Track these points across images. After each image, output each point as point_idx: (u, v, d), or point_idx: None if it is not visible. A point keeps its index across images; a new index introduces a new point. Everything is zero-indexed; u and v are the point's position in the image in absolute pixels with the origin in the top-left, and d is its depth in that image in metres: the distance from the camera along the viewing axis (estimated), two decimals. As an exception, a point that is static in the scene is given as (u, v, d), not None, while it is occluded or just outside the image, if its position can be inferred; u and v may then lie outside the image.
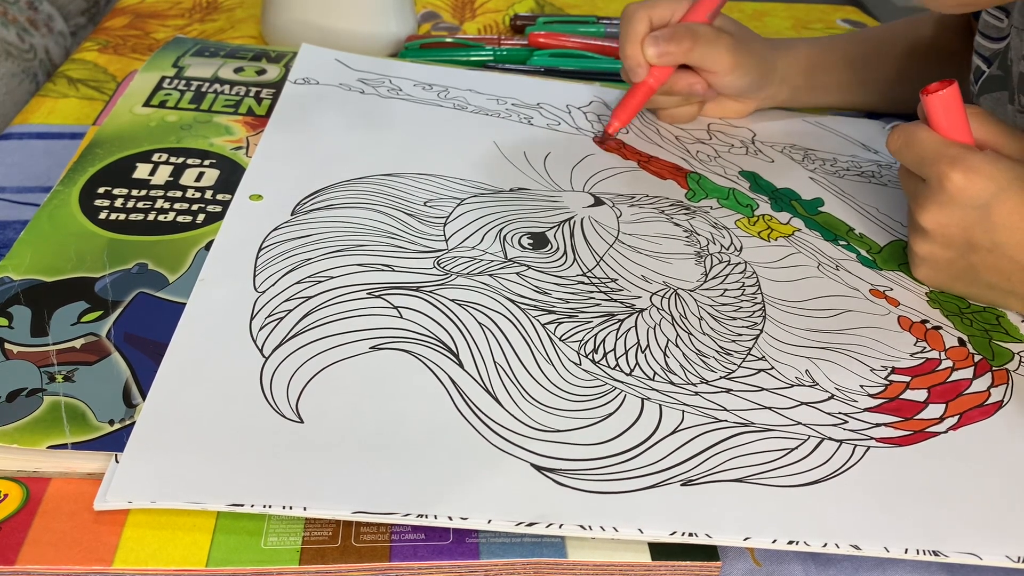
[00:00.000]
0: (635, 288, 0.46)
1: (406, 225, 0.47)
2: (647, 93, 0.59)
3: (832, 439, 0.39)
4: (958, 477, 0.38)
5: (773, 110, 0.68)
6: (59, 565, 0.32)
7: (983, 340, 0.46)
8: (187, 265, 0.44)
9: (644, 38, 0.57)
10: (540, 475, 0.35)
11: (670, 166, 0.58)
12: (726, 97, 0.62)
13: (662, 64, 0.57)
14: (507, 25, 0.79)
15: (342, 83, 0.61)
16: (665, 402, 0.39)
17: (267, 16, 0.69)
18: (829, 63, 0.65)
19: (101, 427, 0.35)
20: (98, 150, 0.51)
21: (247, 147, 0.53)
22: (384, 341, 0.40)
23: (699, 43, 0.57)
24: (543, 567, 0.34)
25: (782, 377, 0.42)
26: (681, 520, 0.34)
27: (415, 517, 0.33)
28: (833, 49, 0.65)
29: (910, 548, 0.35)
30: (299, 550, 0.33)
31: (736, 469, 0.37)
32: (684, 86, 0.59)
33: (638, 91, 0.59)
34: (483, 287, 0.44)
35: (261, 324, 0.40)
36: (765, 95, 0.63)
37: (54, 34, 0.91)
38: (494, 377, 0.39)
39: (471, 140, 0.57)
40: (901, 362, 0.44)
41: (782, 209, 0.55)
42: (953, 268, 0.47)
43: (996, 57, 0.54)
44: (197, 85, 0.58)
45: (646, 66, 0.57)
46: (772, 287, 0.48)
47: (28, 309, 0.40)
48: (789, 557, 0.37)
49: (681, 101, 0.62)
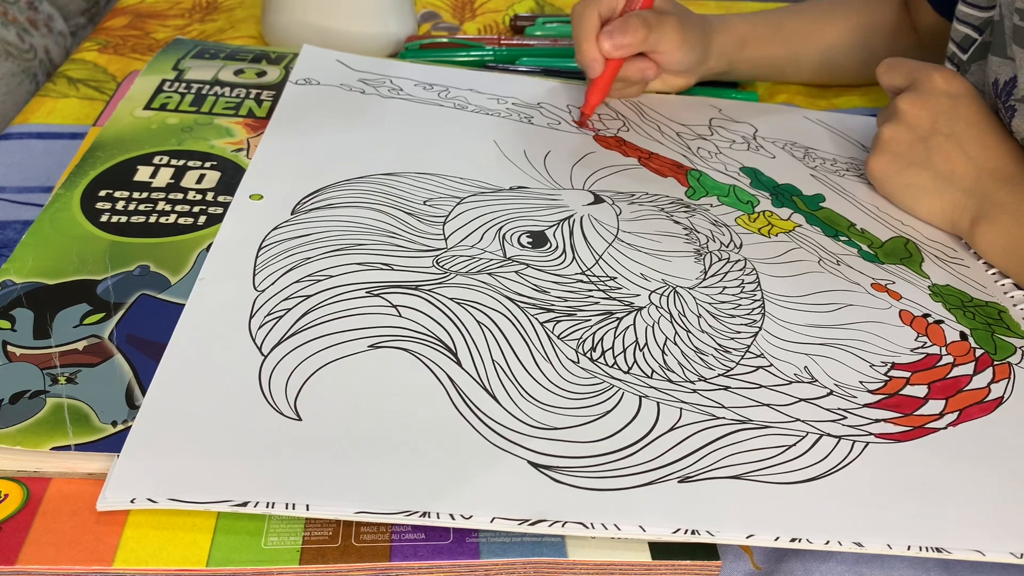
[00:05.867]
0: (634, 286, 0.46)
1: (405, 224, 0.48)
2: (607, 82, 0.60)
3: (831, 435, 0.39)
4: (958, 474, 0.38)
5: (775, 106, 0.68)
6: (59, 565, 0.32)
7: (985, 333, 0.46)
8: (189, 267, 0.44)
9: (597, 34, 0.59)
10: (538, 472, 0.35)
11: (670, 163, 0.58)
12: (669, 73, 0.64)
13: (619, 56, 0.59)
14: (507, 25, 0.79)
15: (343, 83, 0.61)
16: (663, 399, 0.39)
17: (267, 16, 0.69)
18: (761, 37, 0.67)
19: (104, 428, 0.36)
20: (99, 153, 0.51)
21: (248, 149, 0.53)
22: (383, 339, 0.40)
23: (652, 29, 0.59)
24: (543, 567, 0.34)
25: (781, 374, 0.42)
26: (679, 517, 0.34)
27: (418, 517, 0.33)
28: (766, 24, 0.68)
29: (912, 545, 0.35)
30: (299, 550, 0.33)
31: (734, 466, 0.37)
32: (636, 72, 0.62)
33: (598, 84, 0.60)
34: (482, 286, 0.44)
35: (260, 323, 0.40)
36: (705, 68, 0.65)
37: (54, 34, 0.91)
38: (492, 375, 0.39)
39: (471, 139, 0.57)
40: (901, 357, 0.44)
41: (783, 205, 0.55)
42: (911, 152, 0.54)
43: (987, 25, 0.55)
44: (197, 87, 0.58)
45: (602, 60, 0.59)
46: (772, 283, 0.47)
47: (31, 312, 0.41)
48: (789, 555, 0.37)
49: (628, 84, 0.64)
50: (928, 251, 0.52)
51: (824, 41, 0.68)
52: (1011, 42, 0.52)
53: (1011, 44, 0.52)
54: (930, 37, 0.68)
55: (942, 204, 0.54)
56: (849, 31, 0.68)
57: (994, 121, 0.53)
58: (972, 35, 0.57)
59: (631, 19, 0.59)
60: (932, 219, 0.54)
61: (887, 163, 0.55)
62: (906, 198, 0.55)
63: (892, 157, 0.55)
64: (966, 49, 0.58)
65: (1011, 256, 0.50)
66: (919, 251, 0.52)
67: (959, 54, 0.58)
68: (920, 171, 0.54)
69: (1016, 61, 0.51)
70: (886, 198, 0.56)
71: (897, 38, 0.69)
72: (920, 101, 0.53)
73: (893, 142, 0.54)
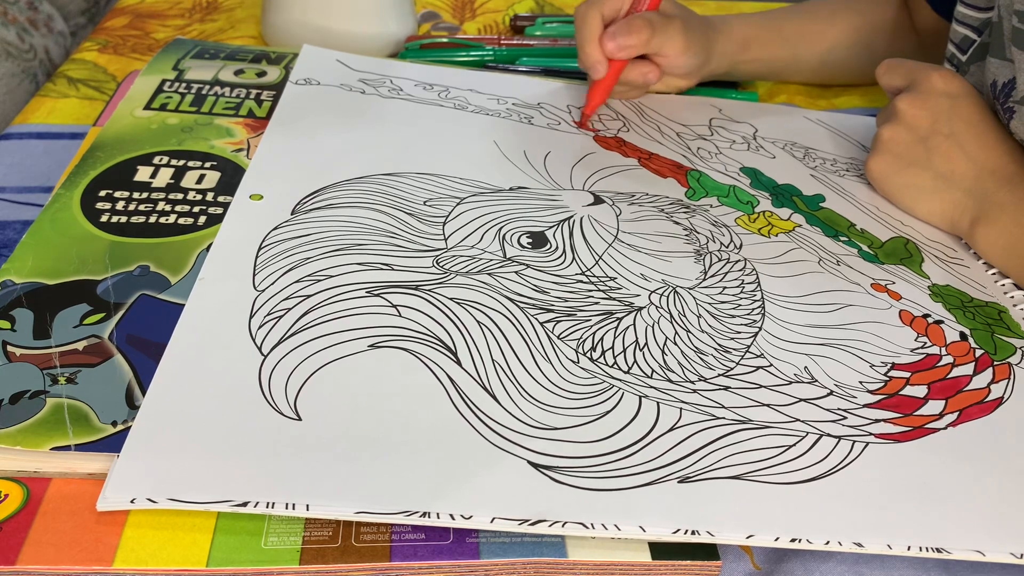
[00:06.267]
0: (634, 286, 0.46)
1: (405, 224, 0.48)
2: (610, 83, 0.60)
3: (830, 435, 0.39)
4: (958, 474, 0.38)
5: (775, 107, 0.68)
6: (59, 565, 0.32)
7: (985, 333, 0.46)
8: (189, 267, 0.44)
9: (600, 35, 0.58)
10: (537, 472, 0.35)
11: (670, 164, 0.58)
12: (671, 75, 0.64)
13: (622, 57, 0.59)
14: (507, 25, 0.79)
15: (343, 83, 0.61)
16: (663, 399, 0.39)
17: (267, 16, 0.69)
18: (763, 38, 0.67)
19: (104, 428, 0.36)
20: (99, 153, 0.51)
21: (248, 149, 0.53)
22: (382, 339, 0.40)
23: (656, 31, 0.59)
24: (543, 567, 0.34)
25: (781, 374, 0.42)
26: (679, 517, 0.34)
27: (418, 517, 0.33)
28: (767, 25, 0.68)
29: (912, 545, 0.35)
30: (299, 550, 0.33)
31: (734, 466, 0.37)
32: (638, 76, 0.62)
33: (600, 85, 0.60)
34: (482, 286, 0.44)
35: (260, 322, 0.40)
36: (707, 70, 0.65)
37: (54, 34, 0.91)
38: (492, 375, 0.39)
39: (471, 139, 0.57)
40: (901, 358, 0.44)
41: (783, 205, 0.55)
42: (911, 152, 0.54)
43: (986, 26, 0.55)
44: (197, 88, 0.58)
45: (605, 62, 0.59)
46: (772, 283, 0.47)
47: (30, 312, 0.41)
48: (789, 555, 0.37)
49: (629, 87, 0.64)
50: (928, 251, 0.52)
51: (825, 42, 0.69)
52: (1010, 44, 0.52)
53: (1010, 46, 0.52)
54: (930, 37, 0.68)
55: (942, 204, 0.54)
56: (850, 32, 0.68)
57: (993, 121, 0.53)
58: (971, 36, 0.57)
59: (635, 20, 0.59)
60: (932, 219, 0.54)
61: (887, 164, 0.55)
62: (906, 198, 0.55)
63: (892, 158, 0.55)
64: (965, 50, 0.58)
65: (1011, 256, 0.50)
66: (919, 251, 0.52)
67: (958, 55, 0.58)
68: (920, 171, 0.54)
69: (1015, 63, 0.51)
70: (886, 199, 0.56)
71: (897, 38, 0.69)
72: (919, 101, 0.53)
73: (893, 143, 0.54)
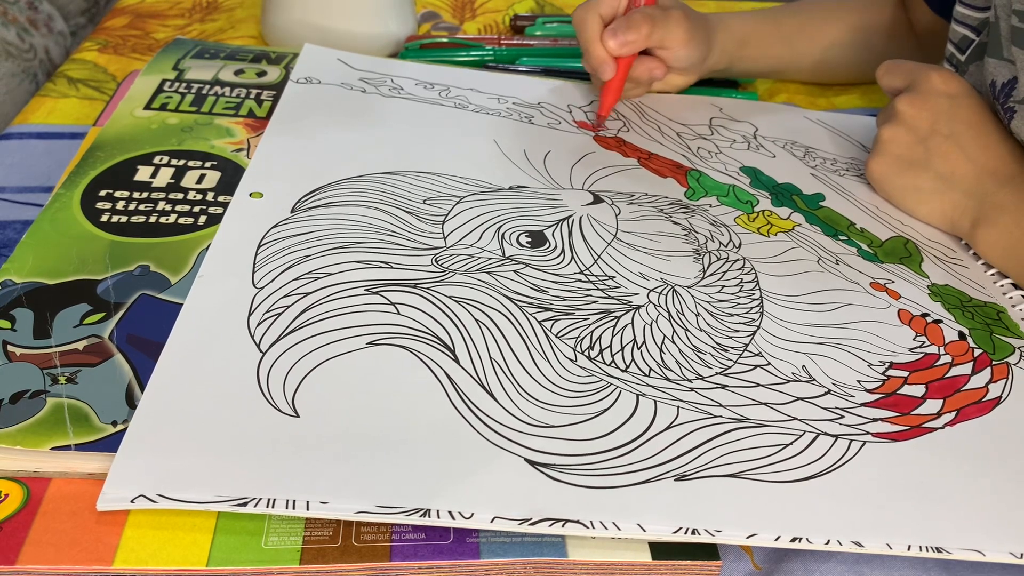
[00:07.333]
0: (632, 285, 0.46)
1: (405, 223, 0.48)
2: (620, 81, 0.60)
3: (828, 434, 0.39)
4: (955, 473, 0.38)
5: (775, 106, 0.68)
6: (59, 565, 0.32)
7: (984, 333, 0.46)
8: (189, 267, 0.44)
9: (601, 35, 0.59)
10: (534, 470, 0.35)
11: (670, 163, 0.58)
12: (674, 70, 0.64)
13: (626, 53, 0.59)
14: (507, 25, 0.79)
15: (344, 82, 0.61)
16: (660, 398, 0.39)
17: (267, 16, 0.69)
18: (762, 35, 0.67)
19: (104, 428, 0.36)
20: (99, 153, 0.51)
21: (248, 149, 0.53)
22: (381, 337, 0.40)
23: (656, 24, 0.59)
24: (543, 567, 0.34)
25: (778, 373, 0.42)
26: (677, 515, 0.34)
27: (418, 516, 0.33)
28: (766, 22, 0.68)
29: (912, 545, 0.35)
30: (299, 550, 0.33)
31: (731, 464, 0.37)
32: (644, 72, 0.62)
33: (611, 85, 0.60)
34: (481, 284, 0.44)
35: (259, 320, 0.40)
36: (707, 66, 0.65)
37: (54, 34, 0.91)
38: (490, 373, 0.39)
39: (471, 139, 0.57)
40: (899, 357, 0.44)
41: (783, 204, 0.55)
42: (911, 153, 0.54)
43: (984, 26, 0.55)
44: (198, 87, 0.59)
45: (612, 61, 0.59)
46: (771, 282, 0.48)
47: (31, 311, 0.41)
48: (789, 555, 0.37)
49: (635, 84, 0.64)
50: (928, 251, 0.53)
51: (823, 39, 0.69)
52: (1009, 44, 0.51)
53: (1009, 46, 0.52)
54: (929, 37, 0.68)
55: (942, 205, 0.54)
56: (848, 30, 0.68)
57: (994, 121, 0.53)
58: (970, 36, 0.57)
59: (634, 15, 0.59)
60: (932, 220, 0.54)
61: (887, 165, 0.55)
62: (906, 199, 0.55)
63: (892, 159, 0.55)
64: (964, 50, 0.58)
65: (1011, 257, 0.50)
66: (919, 251, 0.52)
67: (957, 55, 0.58)
68: (920, 172, 0.54)
69: (1016, 63, 0.51)
70: (886, 199, 0.56)
71: (895, 38, 0.69)
72: (919, 102, 0.53)
73: (892, 143, 0.54)
